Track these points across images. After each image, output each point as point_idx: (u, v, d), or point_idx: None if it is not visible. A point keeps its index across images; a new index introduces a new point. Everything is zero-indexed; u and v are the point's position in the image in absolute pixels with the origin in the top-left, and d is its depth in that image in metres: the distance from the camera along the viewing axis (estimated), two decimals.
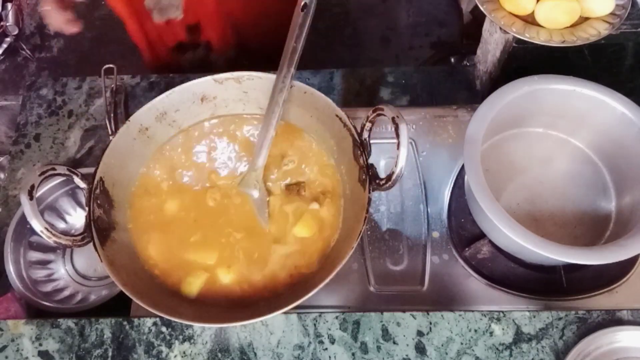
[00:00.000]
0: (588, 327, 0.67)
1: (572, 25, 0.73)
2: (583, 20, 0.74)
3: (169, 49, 1.07)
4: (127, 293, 0.60)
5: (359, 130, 0.68)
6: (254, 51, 1.11)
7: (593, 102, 0.75)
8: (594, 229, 0.77)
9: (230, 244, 0.70)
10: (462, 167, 0.84)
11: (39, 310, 0.81)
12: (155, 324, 0.70)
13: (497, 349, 0.67)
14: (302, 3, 0.67)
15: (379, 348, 0.67)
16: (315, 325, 0.69)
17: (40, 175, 0.63)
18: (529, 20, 0.74)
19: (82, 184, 0.67)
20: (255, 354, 0.68)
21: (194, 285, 0.67)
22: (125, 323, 0.70)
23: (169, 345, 0.69)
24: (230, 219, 0.72)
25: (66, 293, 0.87)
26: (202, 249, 0.70)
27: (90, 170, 0.68)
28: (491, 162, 0.79)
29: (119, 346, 0.69)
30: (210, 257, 0.69)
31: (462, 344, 0.67)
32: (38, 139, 0.96)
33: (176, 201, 0.73)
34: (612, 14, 0.73)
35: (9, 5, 1.95)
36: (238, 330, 0.69)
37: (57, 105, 0.99)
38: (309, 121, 0.75)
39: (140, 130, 0.74)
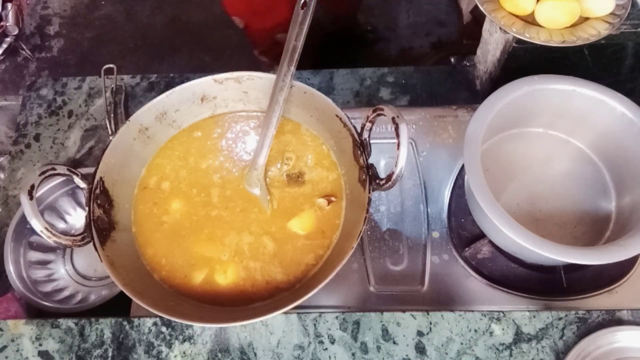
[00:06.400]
0: (588, 327, 0.67)
1: (572, 25, 0.73)
2: (583, 20, 0.74)
3: None
4: (127, 293, 0.60)
5: (359, 130, 0.68)
6: None
7: (593, 102, 0.75)
8: (594, 229, 0.77)
9: (234, 242, 0.70)
10: (462, 167, 0.84)
11: (39, 310, 0.82)
12: (155, 324, 0.70)
13: (497, 349, 0.66)
14: (302, 1, 0.67)
15: (379, 348, 0.67)
16: (315, 325, 0.69)
17: (40, 175, 0.63)
18: (529, 20, 0.74)
19: (82, 184, 0.67)
20: (255, 354, 0.68)
21: (197, 279, 0.68)
22: (125, 323, 0.70)
23: (169, 345, 0.69)
24: (234, 217, 0.72)
25: (66, 293, 0.87)
26: (207, 247, 0.70)
27: (90, 170, 0.68)
28: (491, 162, 0.79)
29: (119, 346, 0.69)
30: (215, 254, 0.69)
31: (462, 344, 0.67)
32: (38, 139, 0.96)
33: (180, 201, 0.73)
34: (612, 14, 0.73)
35: (9, 5, 1.95)
36: (238, 330, 0.69)
37: (57, 105, 0.99)
38: (309, 121, 0.75)
39: (140, 130, 0.74)
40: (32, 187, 0.61)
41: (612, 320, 0.67)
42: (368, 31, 1.92)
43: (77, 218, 0.92)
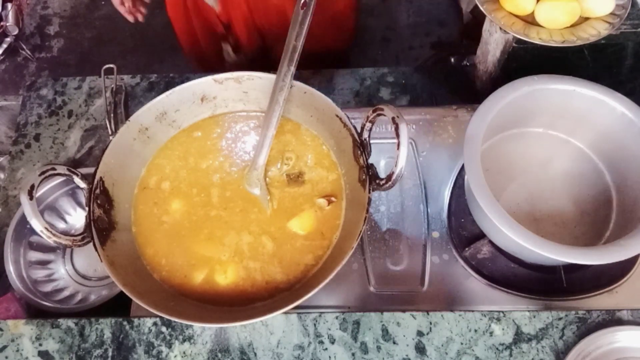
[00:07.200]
0: (588, 327, 0.67)
1: (572, 25, 0.73)
2: (583, 20, 0.74)
3: (208, 38, 1.16)
4: (127, 293, 0.60)
5: (359, 130, 0.68)
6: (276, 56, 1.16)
7: (593, 102, 0.75)
8: (594, 229, 0.77)
9: (233, 242, 0.70)
10: (462, 167, 0.84)
11: (39, 310, 0.81)
12: (155, 324, 0.70)
13: (497, 349, 0.66)
14: (302, 1, 0.67)
15: (379, 348, 0.67)
16: (315, 325, 0.69)
17: (40, 175, 0.63)
18: (529, 20, 0.74)
19: (82, 184, 0.67)
20: (255, 354, 0.68)
21: (197, 279, 0.68)
22: (125, 323, 0.70)
23: (169, 345, 0.69)
24: (233, 217, 0.72)
25: (66, 293, 0.87)
26: (207, 247, 0.70)
27: (90, 170, 0.68)
28: (491, 162, 0.79)
29: (119, 346, 0.69)
30: (214, 254, 0.69)
31: (462, 344, 0.67)
32: (38, 139, 0.96)
33: (180, 201, 0.73)
34: (612, 14, 0.73)
35: (9, 5, 1.95)
36: (238, 330, 0.69)
37: (57, 105, 0.99)
38: (309, 121, 0.75)
39: (140, 130, 0.74)
40: (32, 187, 0.61)
41: (612, 320, 0.67)
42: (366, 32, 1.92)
43: (77, 218, 0.92)
